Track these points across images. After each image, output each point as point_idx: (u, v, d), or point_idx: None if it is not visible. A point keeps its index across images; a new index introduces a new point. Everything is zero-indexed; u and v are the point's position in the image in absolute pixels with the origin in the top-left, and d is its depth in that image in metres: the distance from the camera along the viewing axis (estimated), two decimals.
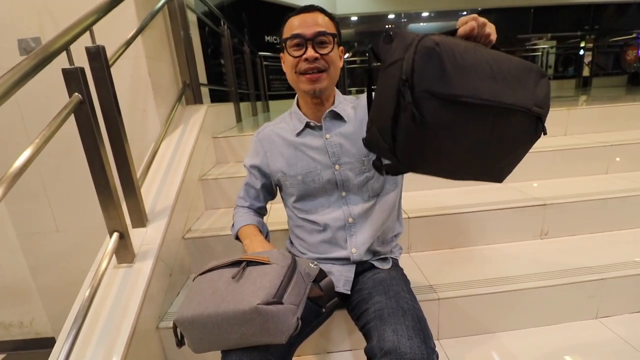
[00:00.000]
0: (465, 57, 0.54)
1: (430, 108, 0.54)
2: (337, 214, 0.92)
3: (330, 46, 0.84)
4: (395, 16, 8.62)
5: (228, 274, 0.70)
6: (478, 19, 0.61)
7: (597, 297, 1.13)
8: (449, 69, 0.53)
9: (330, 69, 0.86)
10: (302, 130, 0.93)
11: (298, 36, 0.82)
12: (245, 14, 5.86)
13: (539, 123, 0.63)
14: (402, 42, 0.56)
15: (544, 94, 0.62)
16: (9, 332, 2.20)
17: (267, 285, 0.65)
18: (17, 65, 0.74)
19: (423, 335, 0.69)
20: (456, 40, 0.56)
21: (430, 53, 0.53)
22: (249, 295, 0.63)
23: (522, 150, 0.67)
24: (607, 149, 1.78)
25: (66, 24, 0.90)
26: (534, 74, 0.62)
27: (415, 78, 0.53)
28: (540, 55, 7.34)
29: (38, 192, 1.59)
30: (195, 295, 0.70)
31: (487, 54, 0.58)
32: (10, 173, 0.68)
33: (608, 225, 1.45)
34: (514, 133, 0.62)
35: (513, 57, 0.61)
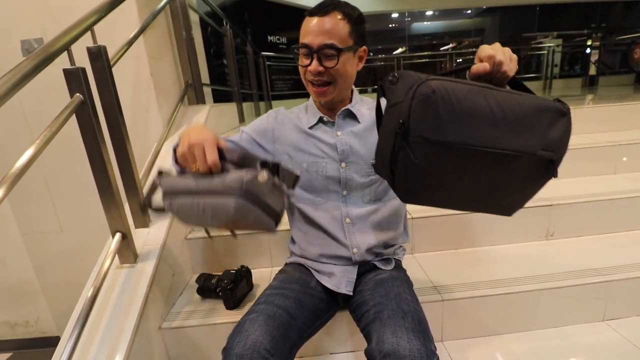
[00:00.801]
0: (463, 104, 0.54)
1: (424, 151, 0.56)
2: (334, 212, 0.91)
3: (335, 60, 0.80)
4: (399, 15, 8.58)
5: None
6: (496, 57, 0.60)
7: (604, 299, 1.11)
8: (443, 116, 0.54)
9: (337, 80, 0.84)
10: (315, 124, 0.92)
11: (305, 46, 0.81)
12: (247, 14, 5.87)
13: (550, 165, 0.61)
14: (405, 85, 0.58)
15: (559, 136, 0.60)
16: (14, 331, 2.22)
17: (266, 226, 0.64)
18: (17, 65, 0.74)
19: (423, 337, 0.68)
20: (459, 85, 0.55)
21: (427, 100, 0.54)
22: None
23: (531, 189, 0.66)
24: (614, 149, 1.76)
25: (68, 24, 0.90)
26: (550, 114, 0.59)
27: (411, 123, 0.55)
28: (546, 54, 7.26)
29: (42, 192, 1.60)
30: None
31: (493, 97, 0.56)
32: (12, 173, 0.69)
33: (616, 226, 1.42)
34: (519, 175, 0.61)
35: (526, 98, 0.59)
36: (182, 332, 1.04)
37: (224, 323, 1.04)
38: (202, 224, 0.68)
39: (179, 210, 0.67)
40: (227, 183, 0.60)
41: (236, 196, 0.59)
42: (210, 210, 0.61)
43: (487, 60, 0.60)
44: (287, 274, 0.94)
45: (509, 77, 0.62)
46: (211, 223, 0.64)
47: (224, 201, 0.60)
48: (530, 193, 0.66)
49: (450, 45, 8.95)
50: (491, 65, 0.60)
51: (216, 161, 0.62)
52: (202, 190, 0.63)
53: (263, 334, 0.69)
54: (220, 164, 0.62)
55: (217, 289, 1.08)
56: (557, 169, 0.62)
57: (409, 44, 8.82)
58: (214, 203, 0.61)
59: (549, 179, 0.63)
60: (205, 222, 0.65)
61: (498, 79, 0.62)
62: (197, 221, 0.66)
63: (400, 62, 7.25)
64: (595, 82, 7.58)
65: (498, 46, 0.62)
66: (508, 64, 0.60)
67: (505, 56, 0.60)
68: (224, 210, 0.60)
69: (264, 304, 0.79)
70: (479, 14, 8.66)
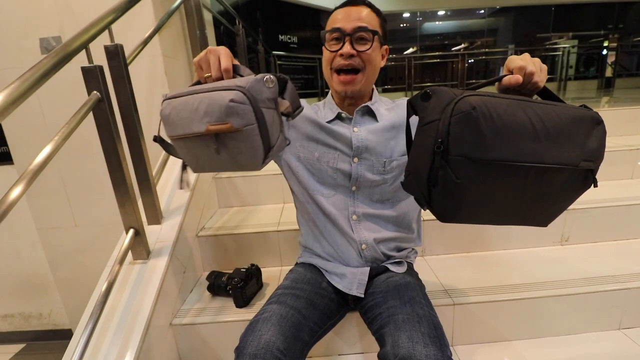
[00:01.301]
0: (504, 119, 0.53)
1: (466, 170, 0.54)
2: (342, 207, 0.91)
3: (369, 44, 0.81)
4: (410, 15, 8.51)
5: (204, 148, 0.65)
6: (527, 68, 0.59)
7: (620, 307, 1.08)
8: (486, 134, 0.53)
9: (366, 68, 0.83)
10: (332, 119, 0.92)
11: (337, 30, 0.81)
12: (259, 13, 5.89)
13: (589, 175, 0.60)
14: (440, 102, 0.56)
15: (597, 145, 0.59)
16: (28, 322, 2.27)
17: (254, 153, 0.61)
18: (38, 63, 0.75)
19: (439, 342, 0.67)
20: (497, 100, 0.54)
21: (468, 118, 0.52)
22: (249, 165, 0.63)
23: (570, 200, 0.65)
24: (632, 153, 1.71)
25: (86, 22, 0.92)
26: (586, 123, 0.58)
27: (451, 142, 0.54)
28: (561, 55, 7.12)
29: (57, 187, 1.63)
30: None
31: (532, 110, 0.55)
32: (31, 169, 0.70)
33: (632, 233, 1.39)
34: (560, 188, 0.60)
35: (563, 108, 0.58)
36: (192, 329, 1.05)
37: (233, 321, 1.04)
38: (189, 128, 0.62)
39: (171, 111, 0.65)
40: (234, 82, 0.60)
41: (239, 90, 0.57)
42: (205, 105, 0.59)
43: (518, 72, 0.60)
44: (298, 273, 0.94)
45: (540, 87, 0.61)
46: (199, 124, 0.60)
47: (223, 94, 0.58)
48: (568, 204, 0.65)
49: (462, 46, 8.85)
50: (523, 76, 0.59)
51: (229, 67, 0.63)
52: (206, 88, 0.62)
53: (276, 334, 0.69)
54: (232, 76, 0.64)
55: (228, 287, 1.09)
56: (595, 178, 0.61)
57: (421, 44, 8.75)
58: (212, 96, 0.59)
59: (588, 188, 0.62)
60: (193, 123, 0.61)
61: (528, 90, 0.61)
62: (185, 124, 0.63)
63: (412, 62, 7.19)
64: (611, 84, 7.40)
65: (528, 57, 0.61)
66: (539, 75, 0.60)
67: (536, 67, 0.60)
68: (220, 102, 0.58)
69: (276, 303, 0.79)
70: (492, 14, 8.54)
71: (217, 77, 0.64)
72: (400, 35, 8.82)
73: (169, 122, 0.66)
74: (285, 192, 1.65)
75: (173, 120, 0.65)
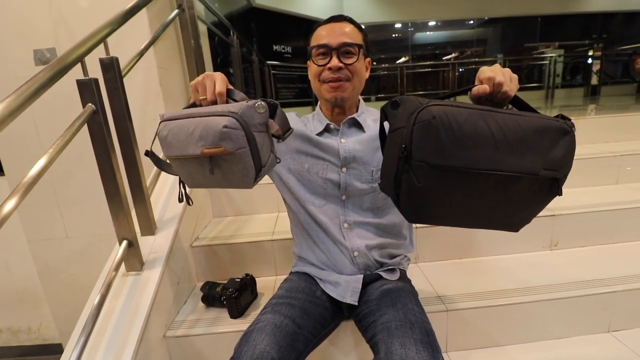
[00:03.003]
0: (464, 128, 0.56)
1: (426, 175, 0.58)
2: (333, 217, 0.93)
3: (355, 57, 0.85)
4: (402, 25, 8.67)
5: (199, 168, 0.70)
6: (495, 79, 0.61)
7: (608, 310, 1.10)
8: (445, 141, 0.56)
9: (353, 79, 0.88)
10: (321, 131, 0.94)
11: (324, 46, 0.85)
12: (253, 24, 5.95)
13: (554, 183, 0.62)
14: (406, 110, 0.60)
15: (562, 155, 0.60)
16: (17, 338, 2.21)
17: (246, 173, 0.66)
18: (34, 76, 0.76)
19: (431, 348, 0.68)
20: (459, 110, 0.57)
21: (428, 126, 0.56)
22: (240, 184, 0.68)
23: (537, 207, 0.66)
24: (617, 159, 1.76)
25: (81, 34, 0.93)
26: (550, 133, 0.60)
27: (413, 148, 0.58)
28: (548, 64, 7.31)
29: (49, 198, 1.62)
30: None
31: (494, 120, 0.57)
32: (25, 182, 0.70)
33: (619, 237, 1.42)
34: (523, 195, 0.62)
35: (527, 119, 0.59)
36: (186, 341, 1.04)
37: (228, 332, 1.04)
38: (185, 150, 0.67)
39: (169, 133, 0.69)
40: (227, 107, 0.64)
41: (232, 116, 0.62)
42: (200, 130, 0.64)
43: (487, 82, 0.62)
44: (293, 282, 0.95)
45: (510, 97, 0.63)
46: (195, 147, 0.65)
47: (217, 120, 0.63)
48: (535, 210, 0.67)
49: (453, 55, 9.01)
50: (491, 86, 0.62)
51: (223, 92, 0.67)
52: (201, 113, 0.67)
53: (270, 343, 0.70)
54: (225, 100, 0.68)
55: (222, 298, 1.09)
56: (561, 187, 0.63)
57: (412, 53, 8.89)
58: (207, 121, 0.64)
59: (553, 197, 0.64)
60: (189, 146, 0.66)
61: (499, 99, 0.63)
62: (181, 146, 0.67)
63: (404, 71, 7.31)
64: (597, 92, 7.60)
65: (498, 67, 0.64)
66: (508, 84, 0.62)
67: (505, 77, 0.62)
68: (214, 129, 0.62)
69: (270, 313, 0.80)
70: (481, 25, 8.74)
71: (211, 100, 0.69)
72: (393, 45, 8.96)
73: (166, 143, 0.71)
74: (279, 201, 1.66)
75: (170, 142, 0.70)
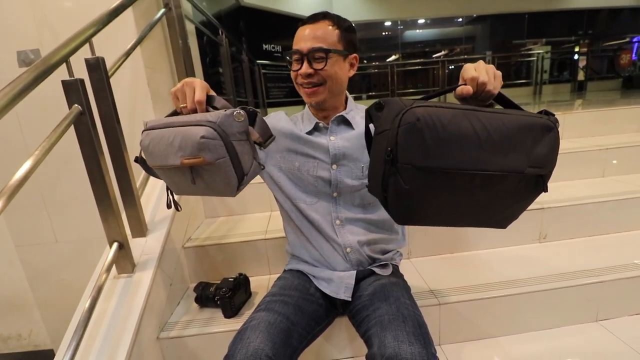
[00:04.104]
0: (449, 129, 0.56)
1: (412, 177, 0.58)
2: (325, 214, 0.93)
3: (324, 62, 0.84)
4: (392, 23, 8.71)
5: (182, 177, 0.69)
6: (479, 78, 0.61)
7: (596, 300, 1.13)
8: (430, 143, 0.56)
9: (328, 82, 0.87)
10: (311, 130, 0.95)
11: (296, 52, 0.85)
12: (243, 23, 5.92)
13: (540, 180, 0.62)
14: (390, 112, 0.59)
15: (546, 151, 0.61)
16: (7, 345, 2.17)
17: (228, 182, 0.65)
18: (17, 77, 0.74)
19: (424, 340, 0.69)
20: (443, 110, 0.57)
21: (412, 128, 0.56)
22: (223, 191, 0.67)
23: (523, 204, 0.67)
24: (603, 153, 1.80)
25: (65, 35, 0.91)
26: (535, 131, 0.60)
27: (399, 151, 0.57)
28: (536, 60, 7.41)
29: (37, 202, 1.59)
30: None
31: (478, 120, 0.57)
32: (10, 185, 0.69)
33: (606, 228, 1.45)
34: (509, 193, 0.62)
35: (512, 117, 0.59)
36: (180, 342, 1.03)
37: (222, 332, 1.04)
38: (166, 160, 0.67)
39: (150, 143, 0.68)
40: (205, 117, 0.63)
41: (209, 126, 0.61)
42: (179, 140, 0.63)
43: (470, 82, 0.62)
44: (286, 280, 0.95)
45: (494, 94, 0.64)
46: (174, 157, 0.64)
47: (195, 130, 0.62)
48: (522, 207, 0.67)
49: (442, 53, 9.08)
50: (474, 87, 0.62)
51: (202, 100, 0.66)
52: (180, 122, 0.66)
53: (264, 340, 0.70)
54: (205, 108, 0.67)
55: (216, 298, 1.08)
56: (546, 183, 0.63)
57: (402, 51, 8.93)
58: (185, 131, 0.63)
59: (539, 194, 0.65)
60: (169, 156, 0.65)
61: (483, 97, 0.64)
62: (162, 156, 0.67)
63: (394, 69, 7.34)
64: (583, 88, 7.74)
65: (482, 65, 0.63)
66: (492, 83, 0.62)
67: (488, 75, 0.62)
68: (192, 139, 0.61)
69: (264, 310, 0.80)
70: (470, 22, 8.82)
71: (191, 109, 0.68)
72: (383, 43, 8.99)
73: (148, 152, 0.70)
74: (271, 200, 1.66)
75: (152, 152, 0.69)
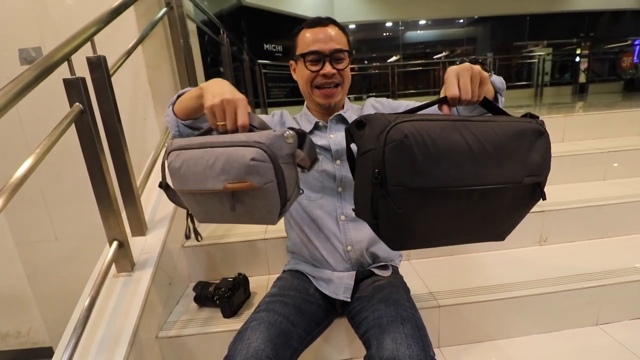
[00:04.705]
0: (439, 145, 0.51)
1: (406, 200, 0.53)
2: (330, 209, 0.93)
3: (345, 62, 0.88)
4: (393, 24, 8.71)
5: (217, 204, 0.62)
6: (461, 97, 0.57)
7: (596, 303, 1.13)
8: (421, 161, 0.51)
9: (344, 82, 0.91)
10: (311, 130, 0.95)
11: (316, 52, 0.86)
12: (244, 23, 5.92)
13: (537, 188, 0.60)
14: (374, 130, 0.54)
15: (540, 157, 0.58)
16: (6, 342, 2.17)
17: (271, 209, 0.59)
18: (19, 75, 0.74)
19: (422, 343, 0.69)
20: (431, 124, 0.52)
21: (400, 146, 0.50)
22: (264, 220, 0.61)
23: (522, 214, 0.64)
24: (604, 155, 1.80)
25: (67, 33, 0.91)
26: (527, 137, 0.57)
27: (387, 172, 0.52)
28: (537, 62, 7.42)
29: (37, 200, 1.59)
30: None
31: (469, 131, 0.53)
32: (12, 183, 0.69)
33: (606, 232, 1.45)
34: (507, 205, 0.59)
35: (503, 124, 0.56)
36: (179, 341, 1.03)
37: (221, 332, 1.03)
38: (203, 185, 0.60)
39: (183, 165, 0.61)
40: (252, 137, 0.57)
41: (259, 147, 0.55)
42: (222, 161, 0.57)
43: (452, 103, 0.58)
44: (286, 281, 0.95)
45: (480, 100, 0.60)
46: (215, 181, 0.58)
47: (242, 151, 0.56)
48: (520, 218, 0.65)
49: (443, 54, 9.09)
50: (456, 104, 0.58)
51: (247, 123, 0.60)
52: (220, 142, 0.59)
53: (265, 341, 0.70)
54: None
55: (215, 297, 1.08)
56: (543, 191, 0.60)
57: (403, 52, 8.94)
58: (230, 152, 0.57)
59: (537, 202, 0.62)
60: (208, 180, 0.59)
61: (470, 104, 0.60)
62: (199, 179, 0.60)
63: (395, 70, 7.35)
64: (585, 90, 7.74)
65: (465, 73, 0.57)
66: (475, 95, 0.58)
67: (472, 85, 0.57)
68: (239, 161, 0.55)
69: (264, 311, 0.80)
70: (471, 24, 8.83)
71: (231, 129, 0.61)
72: (384, 44, 9.00)
73: (180, 175, 0.63)
74: None
75: (184, 174, 0.62)
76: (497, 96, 0.72)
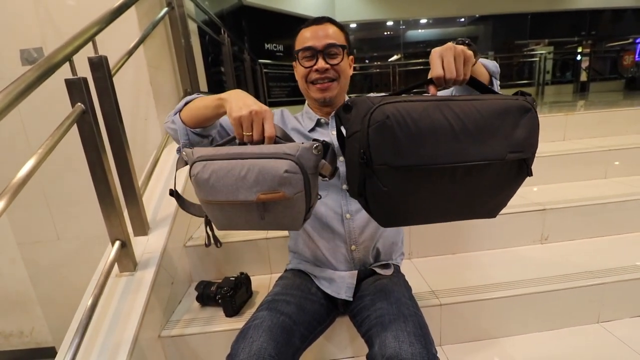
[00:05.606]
0: (420, 124, 0.53)
1: (390, 178, 0.55)
2: (335, 207, 0.93)
3: (340, 57, 0.87)
4: (393, 23, 8.70)
5: (244, 213, 0.64)
6: (445, 77, 0.58)
7: (598, 301, 1.13)
8: (403, 140, 0.53)
9: (340, 78, 0.90)
10: (313, 127, 0.96)
11: (309, 48, 0.86)
12: (245, 22, 5.92)
13: (523, 164, 0.60)
14: (359, 113, 0.57)
15: (526, 134, 0.58)
16: (9, 342, 2.18)
17: (297, 216, 0.62)
18: (21, 76, 0.75)
19: (424, 340, 0.69)
20: (413, 105, 0.54)
21: (383, 127, 0.53)
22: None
23: (510, 190, 0.64)
24: (605, 154, 1.79)
25: (69, 34, 0.92)
26: (511, 114, 0.57)
27: (372, 151, 0.55)
28: (538, 61, 7.39)
29: (39, 200, 1.60)
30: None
31: (451, 110, 0.54)
32: (14, 183, 0.69)
33: (607, 230, 1.45)
34: (493, 182, 0.60)
35: (487, 102, 0.57)
36: (181, 341, 1.04)
37: (223, 331, 1.04)
38: (234, 196, 0.61)
39: (212, 176, 0.61)
40: (281, 149, 0.60)
41: (291, 159, 0.58)
42: (255, 173, 0.59)
43: (437, 82, 0.59)
44: (288, 280, 0.95)
45: (467, 80, 0.61)
46: (248, 192, 0.59)
47: (274, 164, 0.58)
48: (509, 194, 0.65)
49: None
50: (441, 84, 0.59)
51: (274, 135, 0.63)
52: (250, 153, 0.61)
53: (267, 340, 0.70)
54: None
55: (217, 297, 1.09)
56: (530, 167, 0.60)
57: (404, 51, 8.93)
58: (262, 164, 0.59)
59: (524, 178, 0.62)
60: (239, 191, 0.60)
61: (456, 83, 0.61)
62: (230, 191, 0.61)
63: (396, 69, 7.34)
64: (586, 88, 7.72)
65: (448, 52, 0.58)
66: (460, 73, 0.59)
67: (456, 64, 0.58)
68: (272, 172, 0.58)
69: (267, 310, 0.80)
70: (472, 22, 8.81)
71: (257, 140, 0.63)
72: (385, 43, 8.99)
73: (208, 186, 0.62)
74: None
75: (213, 185, 0.62)
76: (492, 80, 0.73)
